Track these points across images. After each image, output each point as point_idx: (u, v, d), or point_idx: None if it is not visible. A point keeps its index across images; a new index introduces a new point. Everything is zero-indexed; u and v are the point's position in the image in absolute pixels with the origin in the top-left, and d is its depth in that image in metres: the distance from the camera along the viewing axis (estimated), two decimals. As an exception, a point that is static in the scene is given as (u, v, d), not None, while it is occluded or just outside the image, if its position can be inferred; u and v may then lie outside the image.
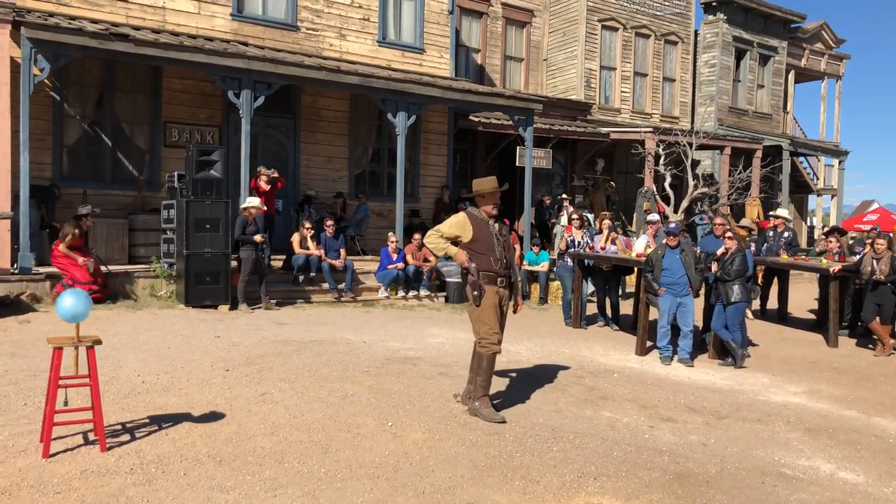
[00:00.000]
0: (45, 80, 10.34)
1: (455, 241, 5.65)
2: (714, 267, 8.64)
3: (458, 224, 5.62)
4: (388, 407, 5.65)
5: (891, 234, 9.97)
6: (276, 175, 11.71)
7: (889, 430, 5.96)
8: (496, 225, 5.65)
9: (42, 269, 9.69)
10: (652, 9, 20.80)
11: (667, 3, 21.12)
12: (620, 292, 11.18)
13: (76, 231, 9.53)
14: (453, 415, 5.53)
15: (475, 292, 5.54)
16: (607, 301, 10.63)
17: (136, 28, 11.15)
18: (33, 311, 8.99)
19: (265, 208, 10.82)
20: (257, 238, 10.25)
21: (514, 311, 5.99)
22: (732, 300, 8.34)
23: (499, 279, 5.56)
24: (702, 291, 9.09)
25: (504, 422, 5.42)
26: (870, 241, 10.01)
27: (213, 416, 5.19)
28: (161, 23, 11.96)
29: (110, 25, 10.63)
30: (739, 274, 8.36)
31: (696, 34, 22.22)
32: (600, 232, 11.02)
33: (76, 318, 4.26)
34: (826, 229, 14.19)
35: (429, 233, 5.75)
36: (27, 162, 9.62)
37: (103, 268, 9.91)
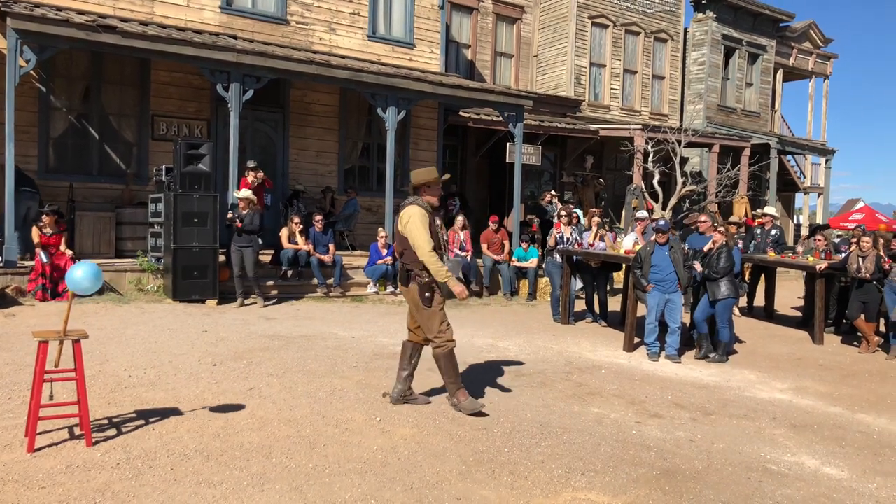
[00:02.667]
0: (32, 72, 10.23)
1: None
2: (698, 266, 8.66)
3: (425, 227, 5.22)
4: (377, 402, 5.65)
5: (876, 232, 10.03)
6: (261, 176, 11.65)
7: (873, 427, 6.01)
8: (437, 219, 5.49)
9: (28, 263, 9.60)
10: (642, 6, 20.83)
11: (657, 1, 21.17)
12: (608, 289, 11.23)
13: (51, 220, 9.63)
14: (441, 410, 5.54)
15: (426, 294, 5.24)
16: (595, 297, 10.67)
17: (124, 20, 11.05)
18: (18, 305, 8.92)
19: (255, 197, 10.77)
20: (229, 216, 10.29)
21: (463, 298, 5.51)
22: (720, 297, 8.38)
23: None
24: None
25: (483, 407, 5.45)
26: (855, 239, 10.09)
27: (201, 411, 5.17)
28: (149, 15, 11.87)
29: (98, 17, 10.53)
30: (726, 271, 8.40)
31: (686, 32, 22.29)
32: (589, 228, 11.07)
33: (83, 289, 4.28)
34: (809, 231, 14.30)
35: (425, 253, 5.17)
36: (13, 154, 9.53)
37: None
